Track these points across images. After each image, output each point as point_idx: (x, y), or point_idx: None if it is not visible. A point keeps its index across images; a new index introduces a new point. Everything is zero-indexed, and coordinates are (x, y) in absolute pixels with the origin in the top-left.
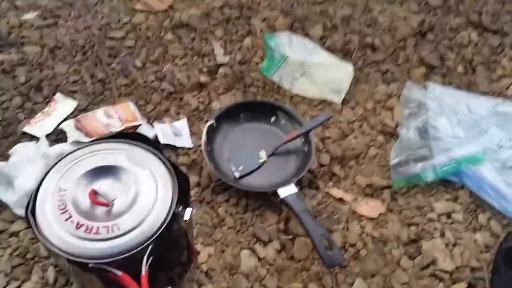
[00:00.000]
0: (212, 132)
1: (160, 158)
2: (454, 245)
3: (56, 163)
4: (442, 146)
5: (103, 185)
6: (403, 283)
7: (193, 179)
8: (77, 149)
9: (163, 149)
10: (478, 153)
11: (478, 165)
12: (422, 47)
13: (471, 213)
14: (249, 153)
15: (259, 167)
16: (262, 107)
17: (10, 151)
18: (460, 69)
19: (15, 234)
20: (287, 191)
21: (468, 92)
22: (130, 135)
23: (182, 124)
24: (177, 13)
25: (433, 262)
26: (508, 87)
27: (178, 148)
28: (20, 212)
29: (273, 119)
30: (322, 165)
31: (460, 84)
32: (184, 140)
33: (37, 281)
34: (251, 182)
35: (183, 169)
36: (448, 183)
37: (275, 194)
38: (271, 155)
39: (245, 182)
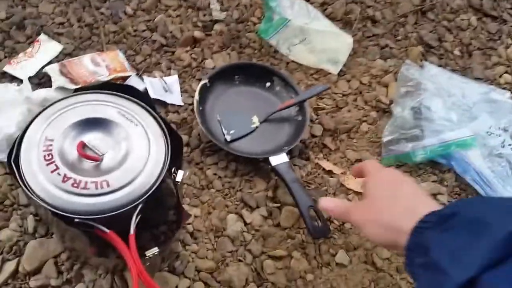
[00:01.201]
0: (205, 92)
1: (153, 115)
2: None
3: (43, 110)
4: (434, 128)
5: (93, 138)
6: (384, 258)
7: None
8: (66, 98)
9: (154, 104)
10: (468, 138)
11: (466, 150)
12: (421, 26)
13: (456, 196)
14: (241, 117)
15: (251, 132)
16: (258, 71)
17: None
18: (457, 52)
19: None
20: (278, 160)
21: (462, 76)
22: (120, 87)
23: (173, 80)
24: None
25: None
26: (501, 75)
27: (168, 105)
28: None
29: (268, 84)
30: (314, 136)
31: (456, 67)
32: (175, 97)
33: (16, 228)
34: (242, 146)
35: (172, 127)
36: (435, 165)
37: (266, 161)
38: (263, 121)
39: (236, 146)
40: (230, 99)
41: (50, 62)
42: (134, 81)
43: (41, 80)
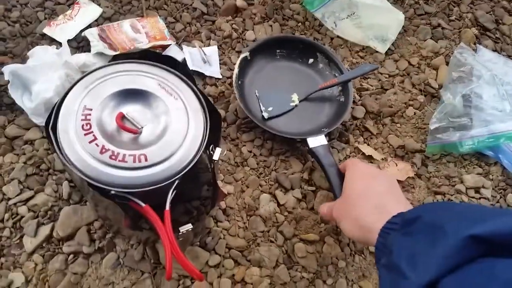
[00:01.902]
0: (244, 65)
1: (193, 90)
2: None
3: (82, 78)
4: (483, 118)
5: (132, 110)
6: None
7: (221, 115)
8: (105, 66)
9: (191, 74)
10: None
11: None
12: (478, 6)
13: (501, 191)
14: (280, 94)
15: (290, 110)
16: (302, 46)
17: (29, 53)
18: None
19: (30, 142)
20: (317, 142)
21: None
22: (160, 57)
23: (212, 50)
24: None
25: None
26: None
27: (206, 77)
28: (36, 120)
29: (311, 61)
30: (355, 118)
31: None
32: (213, 69)
33: (51, 193)
34: (279, 125)
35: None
36: (482, 157)
37: (303, 142)
38: (303, 99)
39: (273, 124)
40: (270, 75)
41: (89, 26)
42: (173, 51)
43: (79, 43)
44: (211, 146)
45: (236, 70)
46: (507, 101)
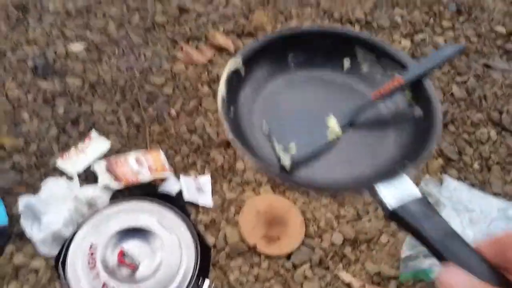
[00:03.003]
0: (237, 84)
1: (187, 224)
2: None
3: (91, 216)
4: None
5: (131, 246)
6: None
7: (208, 239)
8: (111, 205)
9: (188, 211)
10: None
11: None
12: (442, 138)
13: None
14: (307, 122)
15: (328, 146)
16: (329, 42)
17: (42, 184)
18: (476, 166)
19: (35, 271)
20: (399, 190)
21: (481, 191)
22: (160, 194)
23: (205, 180)
24: (215, 68)
25: None
26: None
27: (199, 206)
28: (43, 249)
29: (347, 63)
30: (333, 245)
31: (475, 181)
32: (206, 198)
33: None
34: (315, 173)
35: (201, 228)
36: None
37: (373, 194)
38: (347, 124)
39: (305, 174)
40: (283, 95)
41: (97, 158)
42: (171, 183)
43: (87, 175)
44: (200, 278)
45: (222, 91)
46: (471, 228)
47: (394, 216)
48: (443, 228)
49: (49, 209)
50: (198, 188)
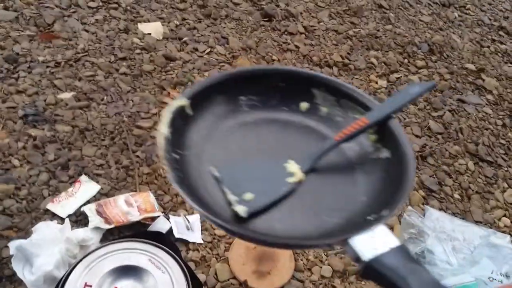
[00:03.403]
0: (184, 126)
1: (178, 263)
2: None
3: (84, 257)
4: (437, 272)
5: (125, 285)
6: None
7: (199, 277)
8: (104, 245)
9: (178, 249)
10: (471, 283)
11: None
12: (422, 170)
13: None
14: (263, 168)
15: (288, 193)
16: (283, 84)
17: (33, 228)
18: (456, 195)
19: None
20: (370, 244)
21: (463, 220)
22: (150, 234)
23: (195, 218)
24: None
25: None
26: (500, 218)
27: (189, 243)
28: None
29: (304, 105)
30: (324, 277)
31: (456, 210)
32: (195, 235)
33: None
34: (275, 225)
35: (192, 265)
36: None
37: (344, 248)
38: (309, 170)
39: (262, 225)
40: (235, 138)
41: (87, 201)
42: (161, 222)
43: (78, 217)
44: None
45: (164, 131)
46: (455, 256)
47: (370, 270)
48: (428, 281)
49: (41, 251)
50: (187, 227)
